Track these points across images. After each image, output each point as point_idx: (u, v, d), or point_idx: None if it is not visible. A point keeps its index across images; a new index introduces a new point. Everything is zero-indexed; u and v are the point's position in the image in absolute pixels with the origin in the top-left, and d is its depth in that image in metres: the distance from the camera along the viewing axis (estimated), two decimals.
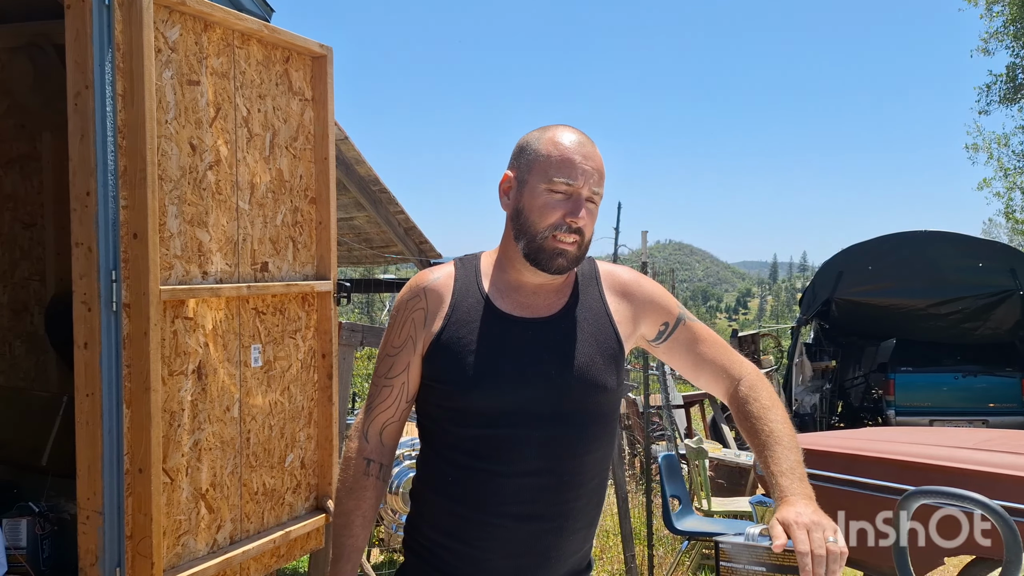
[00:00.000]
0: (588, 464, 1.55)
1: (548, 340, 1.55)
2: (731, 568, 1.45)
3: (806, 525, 1.31)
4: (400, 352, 1.58)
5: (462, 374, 1.51)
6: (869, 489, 3.75)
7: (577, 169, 1.53)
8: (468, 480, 1.51)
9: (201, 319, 2.93)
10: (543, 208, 1.53)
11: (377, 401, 1.61)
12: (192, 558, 2.89)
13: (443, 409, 1.55)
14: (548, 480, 1.50)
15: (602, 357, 1.57)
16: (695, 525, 4.85)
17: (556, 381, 1.52)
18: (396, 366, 1.58)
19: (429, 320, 1.57)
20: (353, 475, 1.59)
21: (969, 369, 8.79)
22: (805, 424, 9.17)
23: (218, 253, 3.01)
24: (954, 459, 3.59)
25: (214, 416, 2.99)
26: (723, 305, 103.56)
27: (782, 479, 1.43)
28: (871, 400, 9.81)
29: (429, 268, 1.65)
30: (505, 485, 1.49)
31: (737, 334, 10.18)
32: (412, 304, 1.59)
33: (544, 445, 1.50)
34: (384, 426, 1.61)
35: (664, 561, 5.18)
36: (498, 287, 1.59)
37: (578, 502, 1.54)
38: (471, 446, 1.52)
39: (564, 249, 1.53)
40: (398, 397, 1.59)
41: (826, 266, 9.93)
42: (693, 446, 5.39)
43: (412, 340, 1.57)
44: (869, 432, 5.71)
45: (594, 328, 1.59)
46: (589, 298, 1.62)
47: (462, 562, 1.52)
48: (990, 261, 8.76)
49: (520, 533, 1.50)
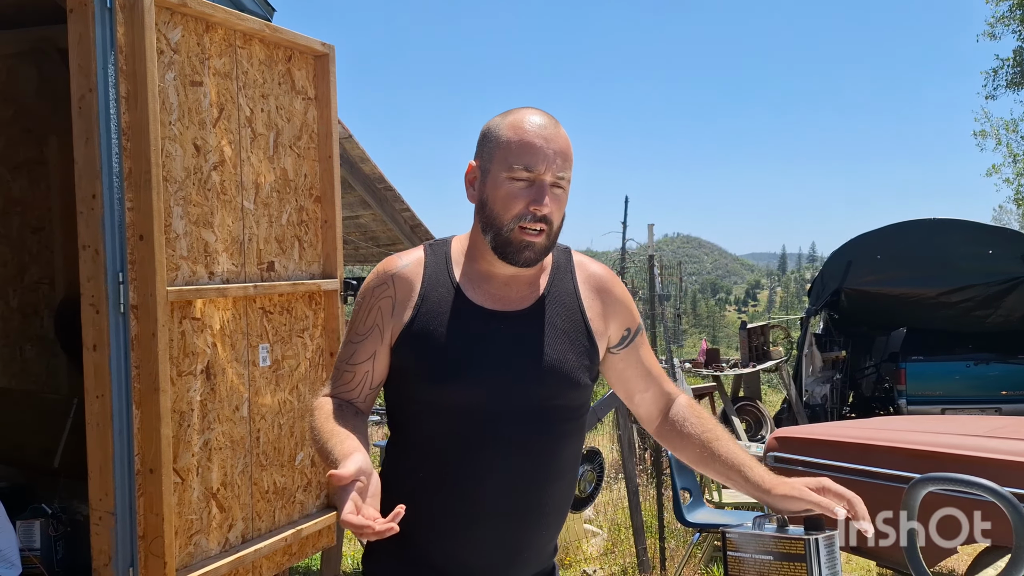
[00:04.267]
0: (561, 460, 1.52)
1: (521, 334, 1.50)
2: (738, 557, 1.45)
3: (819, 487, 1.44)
4: (365, 340, 1.51)
5: (434, 368, 1.46)
6: (880, 478, 3.74)
7: (539, 154, 1.45)
8: (442, 475, 1.47)
9: (209, 319, 2.95)
10: (506, 198, 1.46)
11: (340, 383, 1.54)
12: (204, 557, 2.91)
13: (415, 402, 1.50)
14: (521, 476, 1.47)
15: (574, 353, 1.53)
16: (706, 517, 4.83)
17: (528, 376, 1.48)
18: (360, 353, 1.52)
19: (398, 309, 1.51)
20: (324, 406, 1.49)
21: (981, 357, 8.73)
22: (816, 415, 9.12)
23: (224, 253, 3.02)
24: (965, 447, 3.57)
25: (223, 416, 3.01)
26: (732, 297, 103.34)
27: (766, 474, 1.50)
28: (882, 390, 9.76)
29: (398, 253, 1.58)
30: (477, 484, 1.45)
31: (746, 326, 10.14)
32: (379, 291, 1.52)
33: (517, 442, 1.46)
34: (340, 400, 1.54)
35: (676, 554, 5.18)
36: (469, 277, 1.53)
37: (552, 498, 1.51)
38: (444, 442, 1.47)
39: (531, 241, 1.46)
40: (361, 383, 1.53)
41: (835, 256, 9.88)
42: None
43: (379, 328, 1.51)
44: (880, 421, 5.68)
45: (567, 324, 1.55)
46: (563, 291, 1.57)
47: (434, 555, 1.48)
48: (1001, 248, 8.70)
49: (493, 529, 1.47)
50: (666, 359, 6.38)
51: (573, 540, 5.41)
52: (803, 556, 1.37)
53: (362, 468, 1.24)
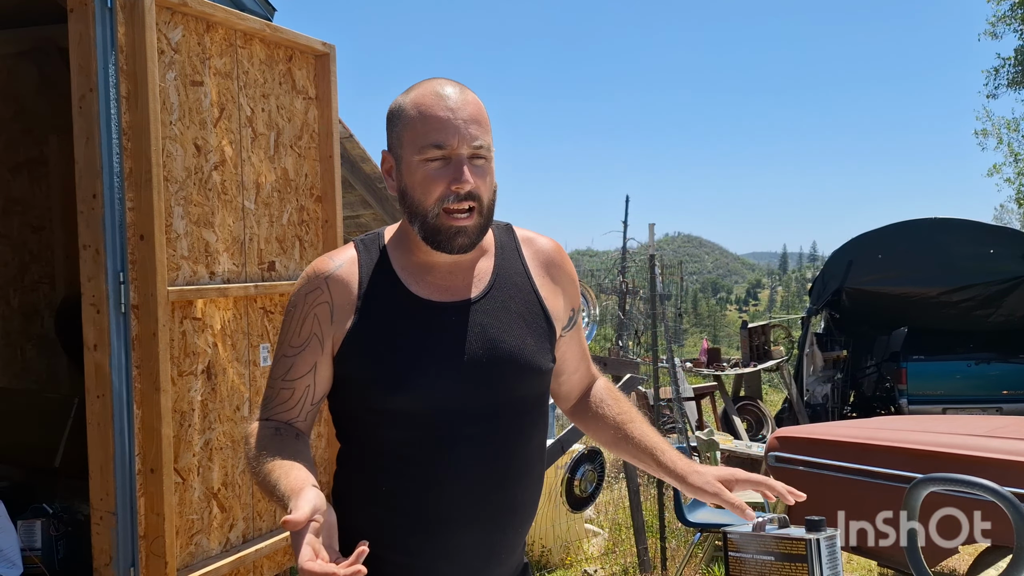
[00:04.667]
0: (529, 452, 1.42)
1: (474, 325, 1.38)
2: (739, 558, 1.45)
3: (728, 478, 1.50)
4: (302, 351, 1.37)
5: (384, 373, 1.34)
6: (881, 478, 3.74)
7: (448, 127, 1.32)
8: (404, 488, 1.35)
9: (209, 319, 2.95)
10: (424, 183, 1.34)
11: (275, 403, 1.39)
12: (205, 557, 2.91)
13: (366, 411, 1.37)
14: (491, 477, 1.36)
15: (533, 337, 1.42)
16: (707, 517, 4.83)
17: (487, 369, 1.36)
18: (297, 367, 1.37)
19: (336, 314, 1.37)
20: (259, 433, 1.36)
21: (982, 356, 8.73)
22: (817, 414, 9.13)
23: (225, 253, 3.02)
24: (965, 447, 3.57)
25: (224, 416, 3.01)
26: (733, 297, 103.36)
27: (678, 460, 1.51)
28: (883, 389, 9.76)
29: (328, 254, 1.44)
30: (446, 489, 1.34)
31: (747, 325, 10.14)
32: (312, 297, 1.38)
33: (482, 441, 1.36)
34: (279, 422, 1.40)
35: (677, 553, 5.18)
36: (409, 270, 1.40)
37: (524, 494, 1.42)
38: (404, 451, 1.35)
39: (462, 226, 1.34)
40: (301, 399, 1.38)
41: (836, 255, 9.88)
42: (704, 438, 5.38)
43: (317, 337, 1.37)
44: (881, 421, 5.68)
45: (521, 307, 1.43)
46: (512, 272, 1.45)
47: (407, 571, 1.37)
48: (1002, 247, 8.70)
49: (466, 537, 1.36)
50: (667, 359, 6.38)
51: (574, 540, 5.41)
52: (804, 556, 1.37)
53: (316, 506, 1.13)
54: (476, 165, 1.35)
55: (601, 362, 5.16)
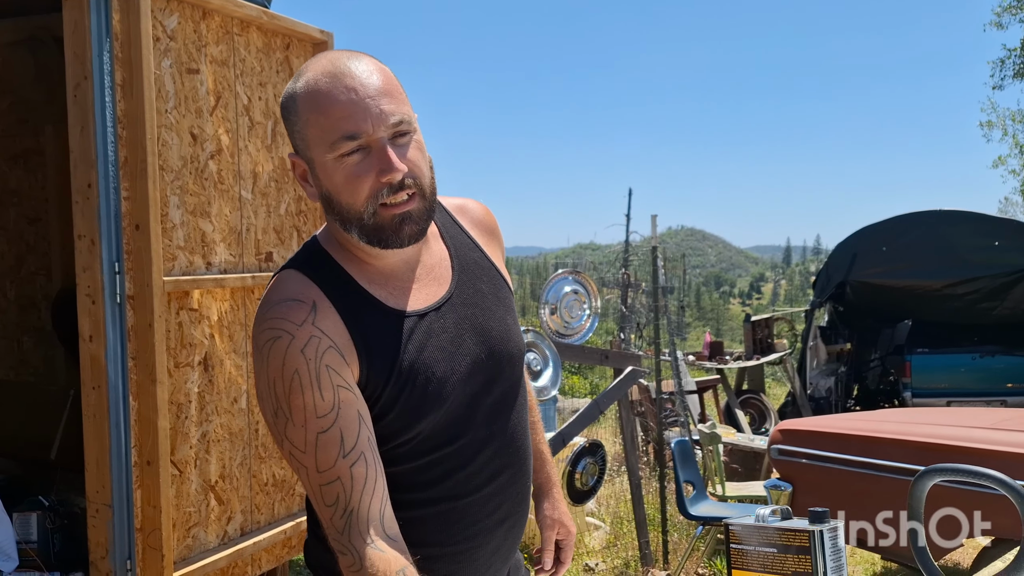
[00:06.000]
0: (527, 435, 1.39)
1: (461, 321, 1.29)
2: (742, 549, 1.42)
3: None
4: (340, 411, 1.15)
5: (404, 404, 1.21)
6: (885, 471, 3.71)
7: (355, 112, 1.15)
8: (429, 515, 1.26)
9: (206, 310, 2.92)
10: (347, 183, 1.17)
11: (354, 490, 1.13)
12: (203, 550, 2.89)
13: (384, 448, 1.21)
14: (507, 473, 1.32)
15: (509, 315, 1.36)
16: (709, 510, 4.81)
17: (487, 364, 1.30)
18: (348, 431, 1.14)
19: (347, 356, 1.18)
20: None
21: (987, 349, 8.68)
22: (820, 408, 9.09)
23: (222, 243, 2.99)
24: (970, 439, 3.54)
25: (222, 408, 2.98)
26: (736, 290, 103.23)
27: (546, 478, 1.60)
28: (887, 383, 9.73)
29: (283, 295, 1.21)
30: (472, 503, 1.28)
31: (750, 318, 10.10)
32: (312, 349, 1.15)
33: (496, 440, 1.30)
34: (383, 513, 1.15)
35: (679, 546, 5.15)
36: (376, 282, 1.25)
37: (529, 481, 1.39)
38: (425, 477, 1.25)
39: (405, 211, 1.19)
40: (374, 463, 1.16)
41: (840, 248, 9.83)
42: (706, 431, 5.35)
43: (346, 388, 1.16)
44: (884, 413, 5.65)
45: (489, 285, 1.35)
46: (466, 249, 1.36)
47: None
48: (1007, 240, 8.64)
49: (493, 541, 1.32)
50: (669, 352, 6.35)
51: (575, 533, 5.39)
52: (808, 548, 1.34)
53: None
54: (400, 145, 1.19)
55: (603, 355, 5.13)
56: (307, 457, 1.14)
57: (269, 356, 1.16)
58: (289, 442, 1.16)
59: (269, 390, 1.17)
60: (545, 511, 1.59)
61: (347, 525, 1.12)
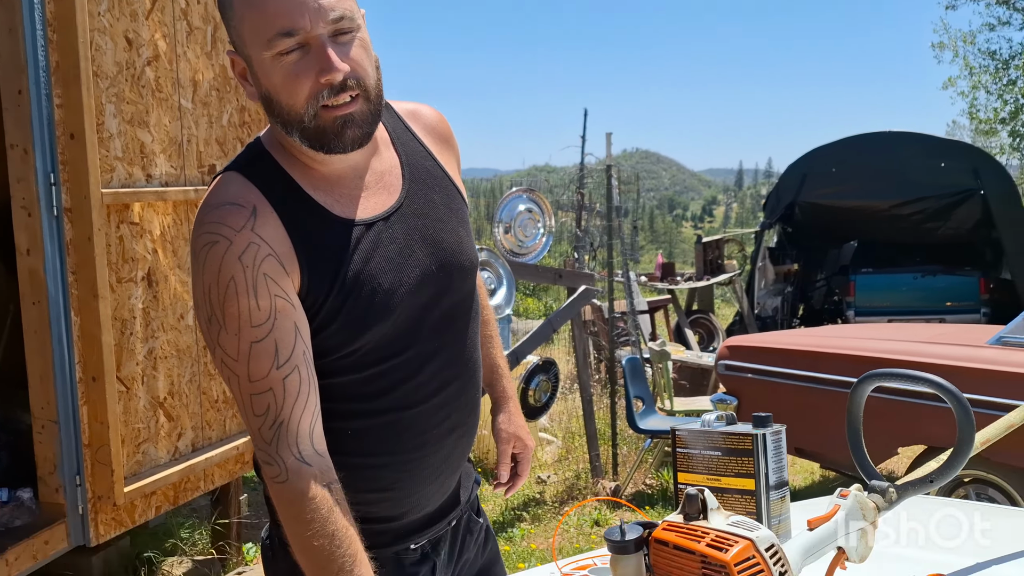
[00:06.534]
0: (477, 349, 1.35)
1: (411, 232, 1.24)
2: (688, 454, 1.45)
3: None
4: (276, 321, 1.11)
5: (348, 316, 1.16)
6: (827, 384, 3.83)
7: (293, 9, 1.08)
8: (377, 425, 1.24)
9: (148, 224, 2.83)
10: (286, 83, 1.11)
11: (285, 403, 1.10)
12: (154, 466, 2.88)
13: (325, 360, 1.18)
14: (456, 384, 1.30)
15: (462, 227, 1.32)
16: (657, 424, 4.94)
17: (437, 276, 1.25)
18: (283, 342, 1.11)
19: (287, 265, 1.13)
20: (327, 517, 1.09)
21: (929, 269, 8.90)
22: (767, 327, 9.30)
23: (162, 155, 2.89)
24: (910, 352, 3.66)
25: (168, 324, 2.93)
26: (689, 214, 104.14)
27: (502, 392, 1.58)
28: (832, 302, 9.96)
29: (222, 199, 1.15)
30: (420, 413, 1.26)
31: (701, 240, 10.22)
32: (250, 256, 1.10)
33: (444, 352, 1.27)
34: (312, 428, 1.13)
35: (628, 459, 5.30)
36: (321, 188, 1.19)
37: (478, 394, 1.36)
38: (371, 388, 1.22)
39: (347, 115, 1.13)
40: (308, 378, 1.13)
41: (790, 169, 9.90)
42: (657, 349, 5.45)
43: (284, 298, 1.12)
44: (828, 330, 5.80)
45: (441, 195, 1.30)
46: (417, 156, 1.30)
47: (382, 510, 1.27)
48: (953, 161, 8.78)
49: (442, 451, 1.30)
50: (623, 273, 6.40)
51: (533, 447, 5.50)
52: (751, 451, 1.37)
53: None
54: (342, 43, 1.12)
55: (557, 274, 5.15)
56: (239, 366, 1.11)
57: (205, 262, 1.12)
58: (221, 349, 1.12)
59: (204, 296, 1.13)
60: (501, 425, 1.58)
61: (276, 436, 1.10)
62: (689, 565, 1.01)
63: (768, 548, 1.01)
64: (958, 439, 1.27)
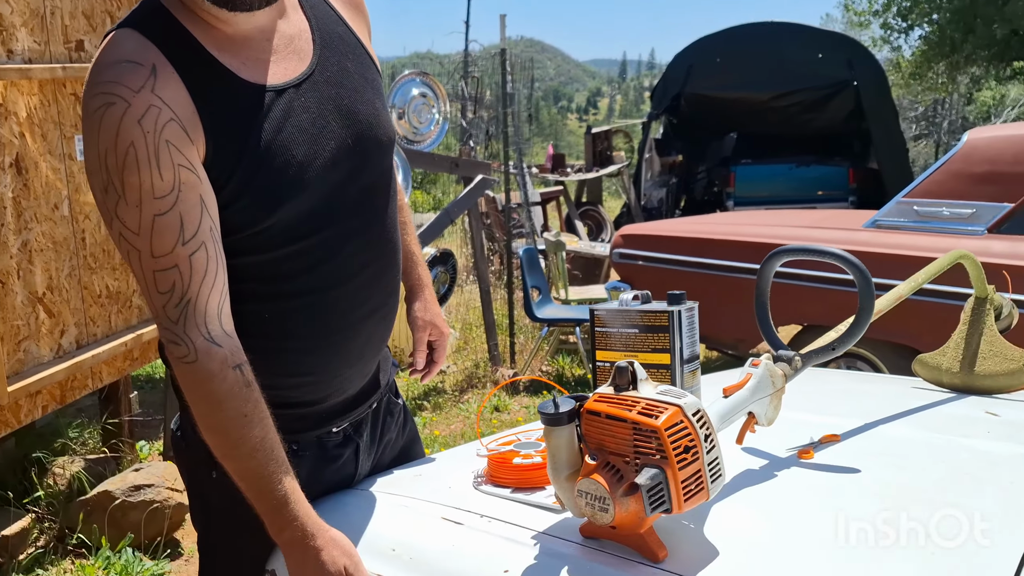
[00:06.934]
0: (396, 229, 1.31)
1: (325, 101, 1.17)
2: (606, 332, 1.48)
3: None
4: (181, 193, 1.03)
5: (260, 189, 1.10)
6: (716, 269, 3.98)
7: None
8: (298, 307, 1.19)
9: (12, 105, 2.58)
10: None
11: (192, 280, 1.04)
12: (36, 364, 2.72)
13: (236, 237, 1.11)
14: (376, 266, 1.25)
15: (378, 99, 1.26)
16: (554, 313, 5.05)
17: (354, 150, 1.19)
18: (189, 217, 1.03)
19: (191, 132, 1.05)
20: (239, 397, 1.06)
21: (804, 159, 9.26)
22: (652, 218, 9.52)
23: (23, 28, 2.61)
24: (795, 237, 3.83)
25: (41, 215, 2.72)
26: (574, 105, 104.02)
27: (417, 280, 1.55)
28: (712, 193, 10.28)
29: (117, 56, 1.05)
30: (341, 295, 1.21)
31: (591, 130, 10.25)
32: (150, 120, 1.02)
33: (364, 231, 1.23)
34: (221, 308, 1.08)
35: (525, 348, 5.42)
36: (226, 49, 1.10)
37: (399, 276, 1.34)
38: (288, 268, 1.16)
39: None
40: (215, 256, 1.06)
41: (676, 60, 9.96)
42: (552, 239, 5.51)
43: (189, 168, 1.04)
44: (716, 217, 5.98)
45: (356, 65, 1.23)
46: (328, 21, 1.23)
47: (303, 394, 1.25)
48: (830, 52, 9.02)
49: (363, 334, 1.27)
50: (515, 163, 6.36)
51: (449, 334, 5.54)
52: (667, 327, 1.41)
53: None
54: None
55: (453, 163, 5.06)
56: (140, 240, 1.04)
57: (101, 124, 1.02)
58: (120, 222, 1.04)
59: (99, 163, 1.03)
60: (416, 312, 1.55)
61: (182, 315, 1.05)
62: (621, 433, 1.03)
63: (695, 413, 1.05)
64: (859, 307, 1.33)
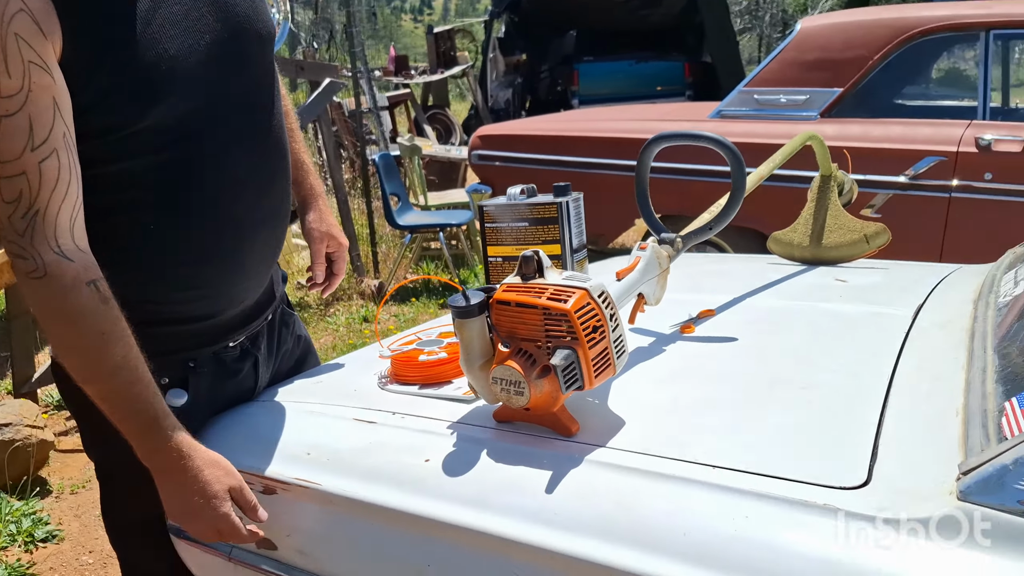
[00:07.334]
0: (284, 131, 1.28)
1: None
2: (496, 228, 1.51)
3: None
4: (32, 94, 0.96)
5: (128, 88, 1.02)
6: (573, 166, 4.08)
7: None
8: (182, 218, 1.13)
9: None
10: None
11: (42, 190, 0.98)
12: None
13: (110, 139, 1.05)
14: (266, 170, 1.21)
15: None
16: (415, 219, 5.03)
17: (232, 45, 1.14)
18: (40, 121, 0.97)
19: (44, 25, 0.96)
20: (95, 313, 1.01)
21: (642, 55, 9.47)
22: (500, 119, 9.54)
23: None
24: (648, 131, 3.96)
25: None
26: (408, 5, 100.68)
27: (310, 191, 1.51)
28: (556, 92, 10.37)
29: None
30: (230, 202, 1.16)
31: (432, 30, 10.01)
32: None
33: (252, 134, 1.18)
34: (74, 222, 1.02)
35: (388, 256, 5.39)
36: None
37: (289, 179, 1.30)
38: (171, 175, 1.10)
39: None
40: (69, 165, 1.00)
41: None
42: (407, 144, 5.43)
43: (41, 67, 0.96)
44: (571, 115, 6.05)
45: None
46: None
47: (197, 309, 1.21)
48: None
49: (256, 246, 1.23)
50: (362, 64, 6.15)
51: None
52: (556, 218, 1.46)
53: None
54: None
55: (299, 66, 4.84)
56: None
57: None
58: None
59: None
60: (312, 224, 1.50)
61: (30, 227, 0.99)
62: (532, 319, 1.07)
63: (600, 295, 1.10)
64: (733, 187, 1.43)
